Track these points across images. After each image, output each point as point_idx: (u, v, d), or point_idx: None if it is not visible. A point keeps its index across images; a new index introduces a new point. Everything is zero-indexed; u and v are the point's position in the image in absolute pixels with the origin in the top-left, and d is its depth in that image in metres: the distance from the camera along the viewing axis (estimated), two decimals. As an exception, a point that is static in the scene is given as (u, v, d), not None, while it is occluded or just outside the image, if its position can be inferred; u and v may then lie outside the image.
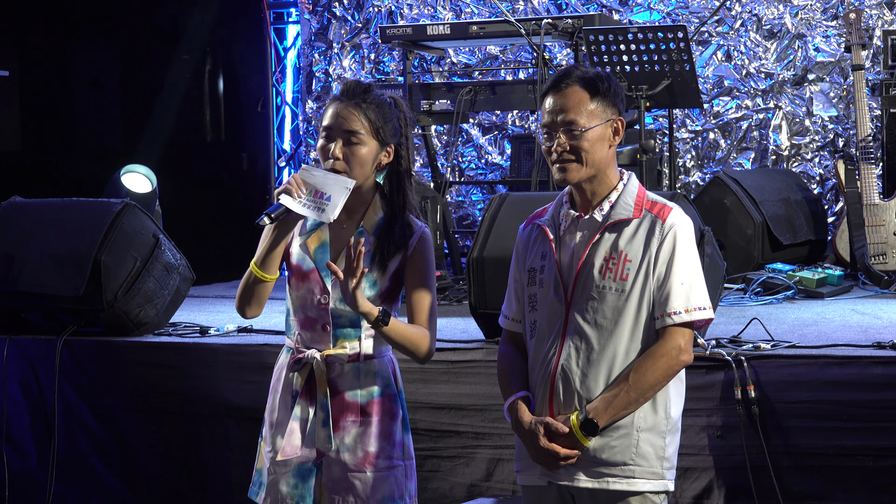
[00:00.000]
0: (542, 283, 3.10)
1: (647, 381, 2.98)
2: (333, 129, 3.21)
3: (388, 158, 3.27)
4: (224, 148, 9.38)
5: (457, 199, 8.73)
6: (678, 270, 3.00)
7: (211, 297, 6.98)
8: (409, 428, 3.34)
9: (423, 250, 3.27)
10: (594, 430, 2.99)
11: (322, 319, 3.23)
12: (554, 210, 3.15)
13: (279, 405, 3.28)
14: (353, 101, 3.21)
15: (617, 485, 3.02)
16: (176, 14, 9.08)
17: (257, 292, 3.25)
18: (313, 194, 3.14)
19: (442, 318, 5.80)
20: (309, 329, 3.25)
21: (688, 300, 3.00)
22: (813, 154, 7.94)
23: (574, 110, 3.03)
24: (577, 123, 3.02)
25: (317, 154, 3.29)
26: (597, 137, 3.04)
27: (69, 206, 5.47)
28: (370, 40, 8.95)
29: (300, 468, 3.26)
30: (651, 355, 3.00)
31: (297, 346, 3.28)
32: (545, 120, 3.07)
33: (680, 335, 3.01)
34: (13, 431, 5.22)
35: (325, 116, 3.24)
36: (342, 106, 3.21)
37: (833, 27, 7.86)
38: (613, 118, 3.07)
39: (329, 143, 3.21)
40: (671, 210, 3.05)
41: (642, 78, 6.28)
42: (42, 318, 5.36)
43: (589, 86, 3.04)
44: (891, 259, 6.49)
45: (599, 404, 2.99)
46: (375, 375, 3.27)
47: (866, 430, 4.05)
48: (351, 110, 3.20)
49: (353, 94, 3.23)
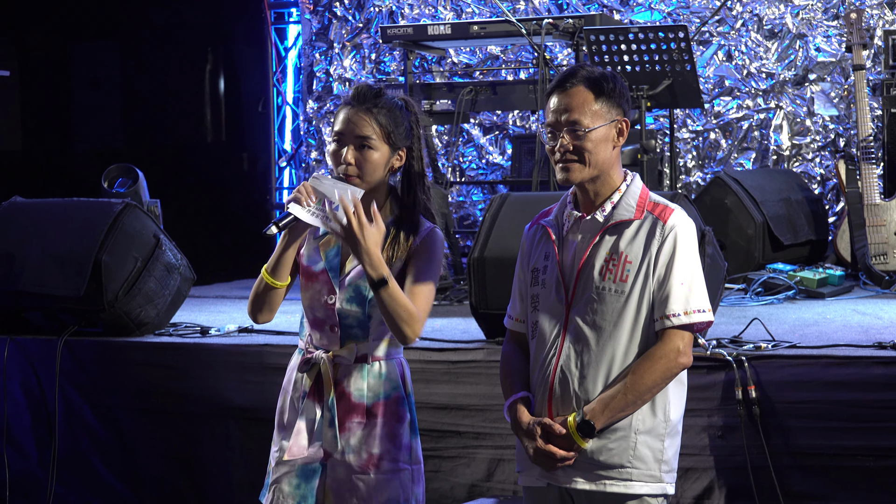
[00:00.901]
0: (544, 283, 3.09)
1: (645, 383, 2.97)
2: (345, 134, 3.20)
3: (401, 162, 3.26)
4: (224, 148, 9.38)
5: (457, 199, 8.73)
6: (678, 272, 2.99)
7: (211, 297, 6.98)
8: (417, 432, 3.31)
9: (428, 246, 3.24)
10: (591, 431, 2.98)
11: (330, 320, 3.23)
12: (558, 210, 3.15)
13: (289, 406, 3.28)
14: (364, 105, 3.21)
15: (614, 487, 3.01)
16: (176, 14, 9.08)
17: (269, 298, 3.23)
18: (322, 203, 3.13)
19: (442, 317, 5.81)
20: (318, 330, 3.26)
21: (687, 302, 2.99)
22: (814, 154, 7.94)
23: (578, 110, 3.02)
24: (581, 123, 3.01)
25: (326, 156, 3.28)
26: (601, 138, 3.03)
27: (70, 206, 5.47)
28: (371, 40, 8.95)
29: (304, 468, 3.25)
30: (649, 357, 2.99)
31: (308, 347, 3.28)
32: (549, 119, 3.06)
33: (679, 338, 2.99)
34: (14, 432, 5.22)
35: (336, 121, 3.24)
36: (353, 111, 3.21)
37: (834, 27, 7.86)
38: (618, 119, 3.05)
39: (341, 148, 3.21)
40: (673, 211, 3.04)
41: (643, 78, 6.28)
42: (43, 318, 5.35)
43: (594, 86, 3.03)
44: (892, 259, 6.49)
45: (596, 406, 2.98)
46: (383, 377, 3.25)
47: (867, 431, 4.05)
48: (362, 115, 3.20)
49: (364, 98, 3.22)
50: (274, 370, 4.82)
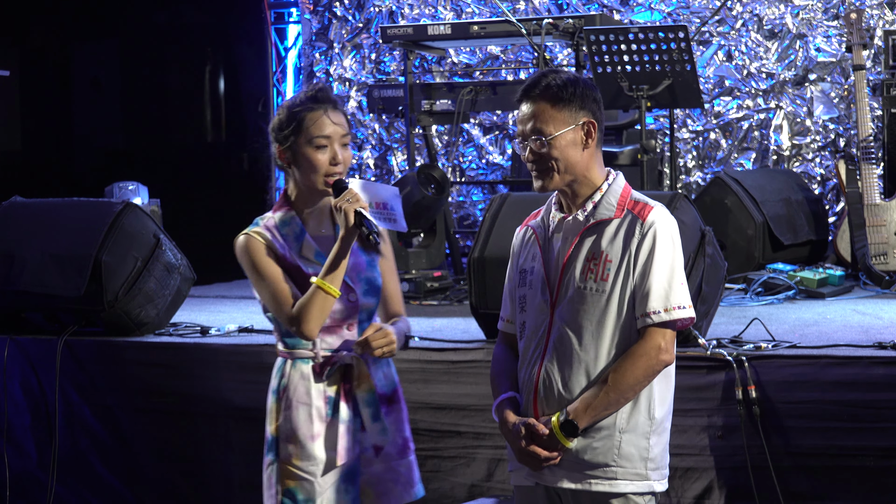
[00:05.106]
0: (531, 284, 3.12)
1: (627, 381, 2.98)
2: (332, 136, 3.23)
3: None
4: (224, 148, 9.38)
5: (457, 199, 8.73)
6: (657, 270, 3.00)
7: (212, 297, 6.98)
8: None
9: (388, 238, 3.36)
10: (574, 431, 3.00)
11: (350, 318, 3.27)
12: (544, 212, 3.18)
13: (315, 416, 3.26)
14: (337, 105, 3.26)
15: (599, 486, 3.03)
16: (176, 14, 9.08)
17: (327, 309, 3.21)
18: (375, 206, 3.18)
19: (443, 317, 5.82)
20: (332, 333, 3.28)
21: (667, 299, 3.00)
22: (814, 154, 7.94)
23: (539, 118, 3.03)
24: (544, 132, 3.03)
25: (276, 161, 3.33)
26: (567, 143, 3.04)
27: (70, 206, 5.47)
28: (371, 40, 8.95)
29: (347, 471, 3.28)
30: (631, 355, 3.00)
31: (318, 353, 3.28)
32: (518, 129, 3.10)
33: (660, 335, 3.00)
34: (14, 431, 5.22)
35: (313, 126, 3.22)
36: (333, 112, 3.24)
37: (834, 27, 7.86)
38: (585, 120, 3.05)
39: (325, 152, 3.22)
40: (652, 209, 3.05)
41: (643, 78, 6.28)
42: (43, 318, 5.36)
43: (553, 94, 3.04)
44: (892, 259, 6.49)
45: (579, 405, 3.00)
46: (389, 364, 3.35)
47: (867, 431, 4.05)
48: (338, 114, 3.26)
49: (330, 98, 3.26)
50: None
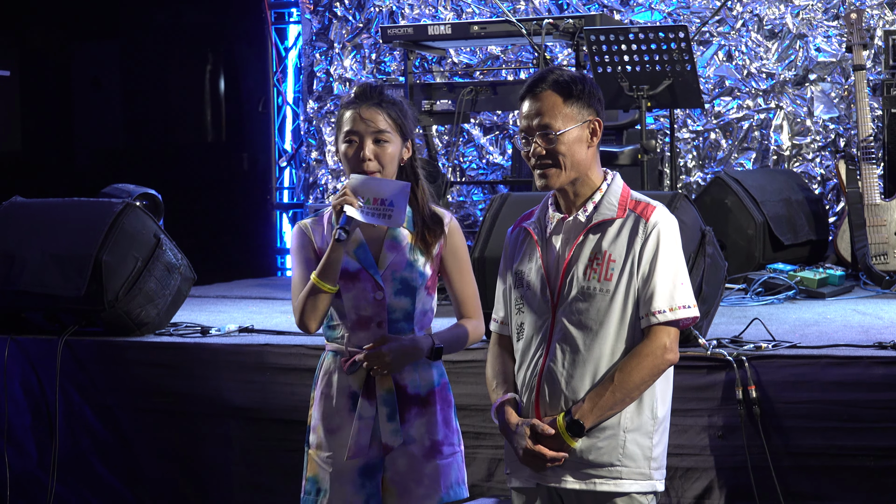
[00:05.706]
0: (529, 285, 3.11)
1: (633, 380, 2.99)
2: (359, 132, 3.26)
3: (409, 153, 3.35)
4: (224, 148, 9.37)
5: (458, 199, 8.73)
6: (662, 269, 3.01)
7: (212, 297, 6.98)
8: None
9: (457, 239, 3.37)
10: (580, 431, 3.00)
11: (378, 316, 3.28)
12: (540, 212, 3.17)
13: (336, 409, 3.30)
14: (373, 101, 3.28)
15: (604, 486, 3.03)
16: (176, 14, 9.08)
17: (320, 304, 3.24)
18: (373, 202, 3.16)
19: (443, 317, 5.80)
20: (363, 329, 3.29)
21: (672, 299, 3.01)
22: (814, 154, 7.94)
23: (548, 114, 3.04)
24: (552, 127, 3.03)
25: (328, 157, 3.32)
26: (574, 140, 3.04)
27: (70, 205, 5.47)
28: (371, 40, 8.95)
29: (366, 466, 3.29)
30: (636, 355, 3.00)
31: (347, 349, 3.30)
32: (522, 125, 3.09)
33: (665, 334, 3.01)
34: (14, 431, 5.22)
35: (344, 122, 3.29)
36: (364, 108, 3.27)
37: (834, 27, 7.86)
38: (590, 119, 3.07)
39: (353, 146, 3.26)
40: (655, 209, 3.05)
41: (643, 78, 6.28)
42: (43, 318, 5.35)
43: (563, 89, 3.05)
44: (892, 259, 6.49)
45: (585, 405, 3.00)
46: (432, 366, 3.36)
47: (868, 431, 4.05)
48: (374, 111, 3.27)
49: (369, 95, 3.30)
50: (274, 370, 4.82)
